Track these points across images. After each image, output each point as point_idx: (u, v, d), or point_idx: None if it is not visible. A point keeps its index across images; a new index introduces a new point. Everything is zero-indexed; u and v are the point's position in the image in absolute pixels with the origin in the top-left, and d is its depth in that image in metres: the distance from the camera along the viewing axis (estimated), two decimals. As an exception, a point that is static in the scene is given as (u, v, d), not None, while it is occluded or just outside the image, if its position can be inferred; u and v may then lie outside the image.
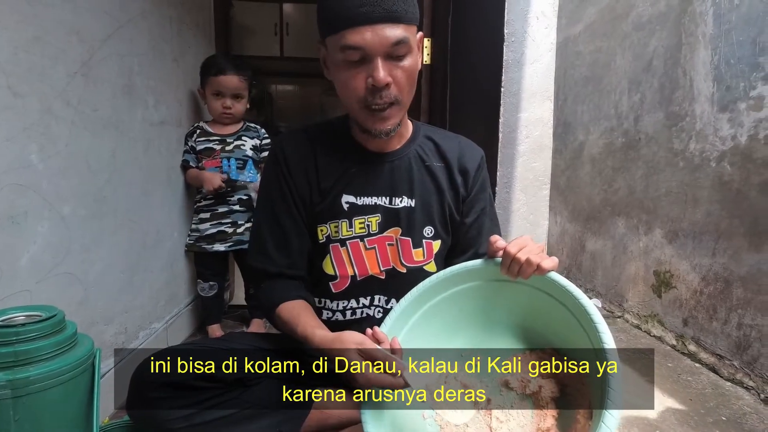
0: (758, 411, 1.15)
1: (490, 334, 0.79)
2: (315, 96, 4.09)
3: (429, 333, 0.79)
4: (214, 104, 1.62)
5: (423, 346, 0.77)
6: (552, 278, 0.66)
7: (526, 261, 0.66)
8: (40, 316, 0.70)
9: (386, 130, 0.77)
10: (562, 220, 2.38)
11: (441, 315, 0.78)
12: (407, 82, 0.75)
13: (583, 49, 2.18)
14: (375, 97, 0.73)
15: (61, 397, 0.65)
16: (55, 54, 0.97)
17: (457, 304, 0.78)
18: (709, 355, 1.41)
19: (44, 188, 0.95)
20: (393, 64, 0.73)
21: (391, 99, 0.74)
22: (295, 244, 0.85)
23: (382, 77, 0.71)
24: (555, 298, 0.67)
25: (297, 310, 0.79)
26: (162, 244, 1.50)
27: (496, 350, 0.76)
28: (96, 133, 1.11)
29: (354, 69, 0.73)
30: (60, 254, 0.99)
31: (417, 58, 0.77)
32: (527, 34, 1.15)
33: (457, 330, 0.79)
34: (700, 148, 1.48)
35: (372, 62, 0.71)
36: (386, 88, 0.73)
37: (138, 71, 1.32)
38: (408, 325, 0.77)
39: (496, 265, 0.71)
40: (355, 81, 0.73)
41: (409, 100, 0.79)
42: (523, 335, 0.76)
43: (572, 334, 0.63)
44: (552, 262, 0.66)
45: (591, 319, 0.58)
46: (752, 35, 1.30)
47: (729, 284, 1.35)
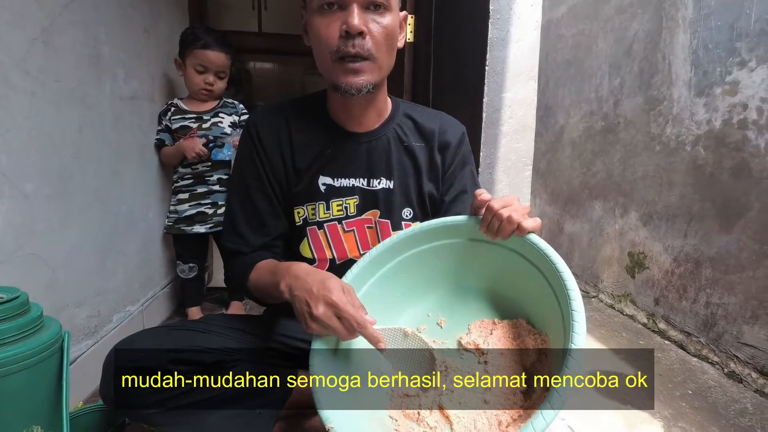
0: (722, 384, 1.22)
1: (461, 299, 0.74)
2: (295, 74, 3.97)
3: (397, 289, 0.75)
4: (195, 79, 1.54)
5: (390, 300, 0.74)
6: (531, 240, 0.62)
7: (507, 218, 0.63)
8: (2, 297, 0.66)
9: (358, 85, 0.71)
10: (541, 203, 2.42)
11: (412, 271, 0.75)
12: (384, 40, 0.72)
13: (566, 32, 2.18)
14: (348, 45, 0.69)
15: (25, 382, 0.62)
16: (9, 18, 0.89)
17: (431, 261, 0.74)
18: (678, 333, 1.48)
19: (3, 164, 0.88)
20: (370, 17, 0.70)
21: (365, 52, 0.70)
22: (270, 224, 0.82)
23: (357, 23, 0.68)
24: (531, 262, 0.63)
25: (273, 262, 0.76)
26: (136, 225, 1.44)
27: (465, 315, 0.72)
28: (60, 107, 1.04)
29: (329, 17, 0.70)
30: (23, 235, 0.93)
31: (397, 24, 0.75)
32: (513, 12, 1.13)
33: (427, 291, 0.76)
34: (677, 132, 1.51)
35: (348, 8, 0.69)
36: (360, 36, 0.69)
37: (105, 41, 1.23)
38: (376, 276, 0.74)
39: (477, 222, 0.67)
40: (329, 30, 0.70)
41: (385, 64, 0.75)
42: (495, 302, 0.73)
43: (544, 303, 0.61)
44: (534, 223, 0.63)
45: (565, 285, 0.55)
46: (730, 20, 1.32)
47: (699, 265, 1.41)
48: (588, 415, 1.03)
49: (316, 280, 0.62)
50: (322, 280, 0.62)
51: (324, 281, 0.62)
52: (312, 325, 0.61)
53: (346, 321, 0.59)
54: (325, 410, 0.57)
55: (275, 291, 0.68)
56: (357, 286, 0.71)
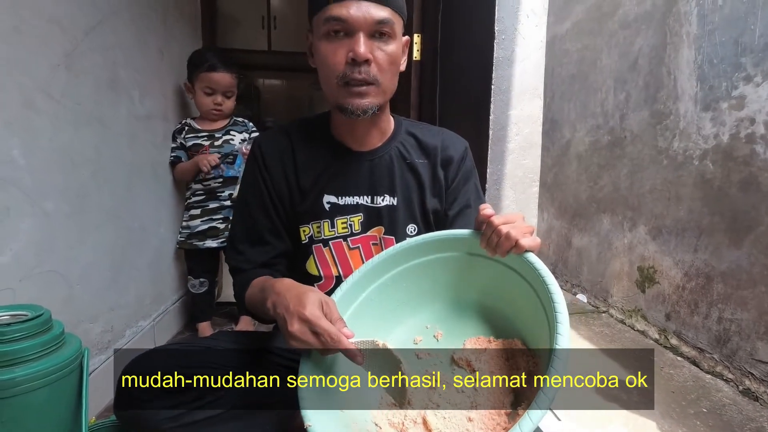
0: (737, 402, 1.20)
1: (459, 313, 0.74)
2: (303, 90, 4.04)
3: (396, 298, 0.75)
4: (205, 100, 1.59)
5: (389, 309, 0.74)
6: (526, 258, 0.62)
7: (506, 234, 0.63)
8: (26, 315, 0.68)
9: (363, 107, 0.73)
10: (548, 217, 2.41)
11: (412, 281, 0.75)
12: (388, 66, 0.74)
13: (570, 47, 2.20)
14: (354, 71, 0.72)
15: (47, 398, 0.64)
16: (36, 45, 0.94)
17: (432, 273, 0.74)
18: (691, 349, 1.46)
19: (27, 184, 0.92)
20: (375, 45, 0.72)
21: (370, 78, 0.73)
22: (271, 242, 0.83)
23: (363, 51, 0.70)
24: (527, 280, 0.63)
25: (262, 280, 0.77)
26: (148, 240, 1.47)
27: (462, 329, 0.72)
28: (79, 128, 1.08)
29: (335, 43, 0.72)
30: (44, 251, 0.96)
31: (400, 50, 0.77)
32: (517, 32, 1.16)
33: (426, 302, 0.75)
34: (684, 146, 1.52)
35: (354, 36, 0.71)
36: (366, 64, 0.72)
37: (123, 63, 1.28)
38: (376, 283, 0.73)
39: (479, 236, 0.67)
40: (335, 56, 0.72)
41: (389, 88, 0.77)
42: (492, 319, 0.72)
43: (537, 323, 0.60)
44: (532, 241, 0.62)
45: (552, 299, 0.55)
46: (734, 36, 1.33)
47: (710, 280, 1.39)
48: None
49: (294, 296, 0.61)
50: (299, 295, 0.61)
51: (300, 296, 0.61)
52: (291, 342, 0.60)
53: (321, 336, 0.58)
54: (307, 410, 0.57)
55: (264, 308, 0.68)
56: (356, 293, 0.72)
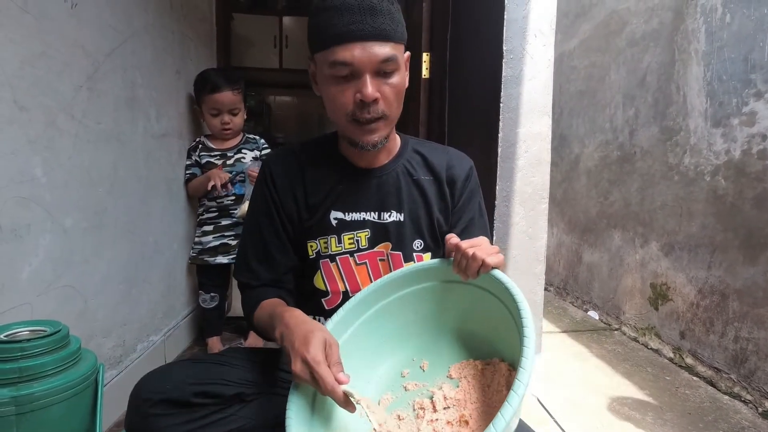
0: (756, 425, 1.16)
1: (442, 341, 0.76)
2: (313, 107, 4.11)
3: (382, 333, 0.76)
4: (213, 122, 1.63)
5: (375, 344, 0.76)
6: (493, 275, 0.65)
7: (472, 256, 0.67)
8: (45, 331, 0.69)
9: (374, 142, 0.77)
10: (558, 232, 2.40)
11: (395, 315, 0.77)
12: (395, 98, 0.77)
13: (578, 64, 2.22)
14: (363, 111, 0.74)
15: (64, 413, 0.65)
16: (60, 68, 0.98)
17: (413, 305, 0.77)
18: (707, 369, 1.42)
19: (47, 201, 0.95)
20: (381, 81, 0.74)
21: (379, 114, 0.75)
22: (279, 260, 0.85)
23: (371, 93, 0.72)
24: (497, 296, 0.67)
25: (274, 303, 0.78)
26: (160, 255, 1.50)
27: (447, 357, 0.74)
28: (98, 146, 1.11)
29: (343, 84, 0.74)
30: (61, 267, 0.98)
31: (404, 76, 0.79)
32: (525, 51, 1.17)
33: (411, 334, 0.78)
34: (695, 162, 1.51)
35: (360, 78, 0.73)
36: (374, 103, 0.74)
37: (141, 83, 1.32)
38: (360, 319, 0.75)
39: (450, 264, 0.71)
40: (343, 96, 0.74)
41: (396, 116, 0.80)
42: (472, 341, 0.74)
43: (510, 335, 0.62)
44: (496, 259, 0.67)
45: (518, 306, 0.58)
46: (744, 52, 1.34)
47: (725, 297, 1.37)
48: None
49: (301, 334, 0.63)
50: (306, 333, 0.63)
51: (307, 335, 0.62)
52: (295, 379, 0.62)
53: (318, 381, 0.60)
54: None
55: (272, 335, 0.70)
56: (341, 330, 0.73)
